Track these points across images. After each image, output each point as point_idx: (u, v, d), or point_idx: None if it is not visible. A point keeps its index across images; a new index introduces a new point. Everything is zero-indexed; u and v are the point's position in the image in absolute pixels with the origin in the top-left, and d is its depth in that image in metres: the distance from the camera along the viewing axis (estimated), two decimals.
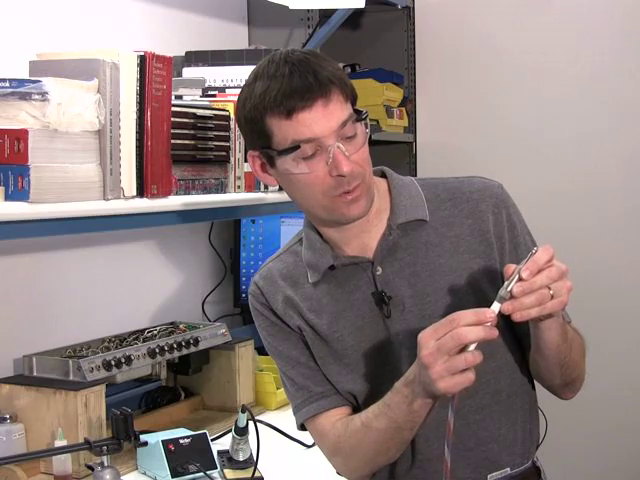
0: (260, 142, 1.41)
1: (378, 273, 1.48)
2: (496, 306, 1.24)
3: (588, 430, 3.07)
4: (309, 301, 1.53)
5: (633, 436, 3.06)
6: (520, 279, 1.23)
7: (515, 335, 1.50)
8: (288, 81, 1.35)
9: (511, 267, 1.25)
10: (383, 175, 1.55)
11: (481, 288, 1.45)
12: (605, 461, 3.09)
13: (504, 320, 1.40)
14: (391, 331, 1.48)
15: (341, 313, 1.51)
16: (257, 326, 1.60)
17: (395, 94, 3.27)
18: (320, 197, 1.41)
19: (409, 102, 3.39)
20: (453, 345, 1.23)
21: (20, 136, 1.60)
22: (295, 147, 1.37)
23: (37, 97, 1.62)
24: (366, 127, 1.42)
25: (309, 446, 2.11)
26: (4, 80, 1.65)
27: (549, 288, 1.24)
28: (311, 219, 1.53)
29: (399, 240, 1.48)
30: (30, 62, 1.81)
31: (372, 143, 1.47)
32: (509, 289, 1.23)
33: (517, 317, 1.24)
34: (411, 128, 3.39)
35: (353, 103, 1.42)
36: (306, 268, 1.53)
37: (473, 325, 1.24)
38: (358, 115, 1.40)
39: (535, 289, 1.23)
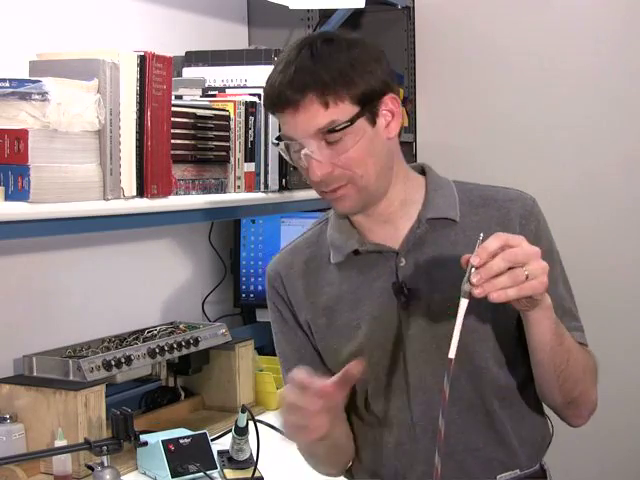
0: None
1: (401, 264, 1.48)
2: (463, 302, 1.23)
3: (590, 430, 3.07)
4: (330, 286, 1.53)
5: (635, 436, 3.06)
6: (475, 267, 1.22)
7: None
8: (275, 78, 1.40)
9: (465, 257, 1.24)
10: (423, 171, 1.56)
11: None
12: (607, 461, 3.09)
13: (518, 328, 1.40)
14: (405, 324, 1.48)
15: (360, 300, 1.51)
16: (269, 315, 1.63)
17: None
18: (315, 187, 1.46)
19: (409, 102, 3.39)
20: None
21: (20, 136, 1.60)
22: (279, 142, 1.43)
23: (37, 97, 1.62)
24: (375, 123, 1.41)
25: None
26: (4, 80, 1.65)
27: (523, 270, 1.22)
28: None
29: (427, 235, 1.48)
30: (30, 62, 1.81)
31: None
32: (467, 280, 1.22)
33: (494, 297, 1.22)
34: (411, 128, 3.39)
35: (366, 99, 1.39)
36: (330, 248, 1.54)
37: None
38: (349, 120, 1.38)
39: (494, 272, 1.21)
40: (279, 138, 1.45)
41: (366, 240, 1.51)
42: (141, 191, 1.85)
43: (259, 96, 2.25)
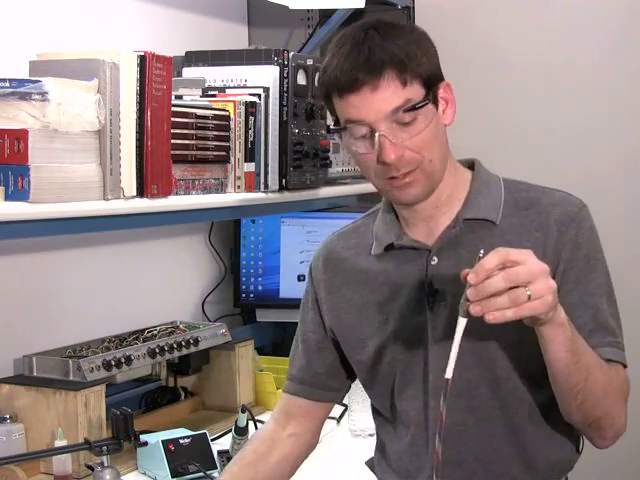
0: (331, 111, 1.44)
1: (433, 263, 1.46)
2: (462, 321, 1.18)
3: None
4: (367, 277, 1.52)
5: (635, 437, 3.05)
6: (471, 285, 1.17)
7: None
8: (344, 61, 1.36)
9: (465, 273, 1.19)
10: (471, 166, 1.54)
11: None
12: (607, 462, 3.08)
13: (536, 345, 1.34)
14: (431, 324, 1.46)
15: (392, 294, 1.50)
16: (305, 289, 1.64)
17: None
18: (373, 177, 1.42)
19: None
20: None
21: (20, 136, 1.60)
22: (344, 127, 1.38)
23: (37, 97, 1.62)
24: (437, 108, 1.39)
25: None
26: (4, 80, 1.65)
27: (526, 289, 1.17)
28: None
29: (463, 235, 1.45)
30: (30, 62, 1.80)
31: None
32: (466, 297, 1.17)
33: (490, 318, 1.16)
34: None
35: (430, 82, 1.38)
36: (373, 239, 1.53)
37: None
38: (422, 100, 1.36)
39: (490, 292, 1.16)
40: (341, 128, 1.40)
41: (406, 235, 1.49)
42: (141, 191, 1.84)
43: (259, 96, 2.24)
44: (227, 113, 2.16)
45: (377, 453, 1.63)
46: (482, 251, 1.19)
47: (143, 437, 1.79)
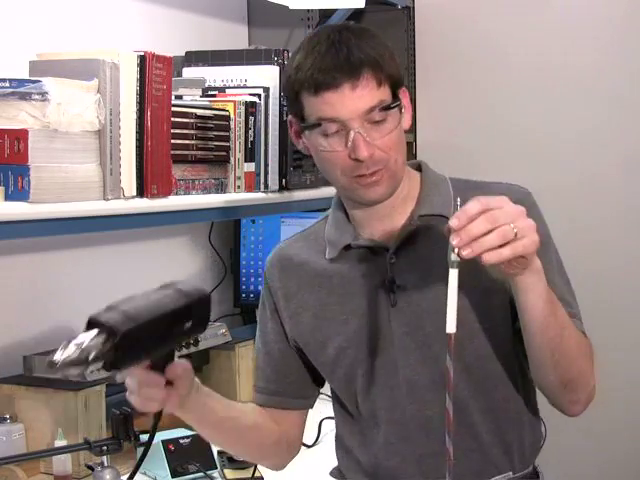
0: (294, 110, 1.45)
1: (392, 261, 1.48)
2: (453, 272, 1.18)
3: (587, 432, 3.07)
4: (322, 280, 1.54)
5: (632, 438, 3.05)
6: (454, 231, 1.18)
7: (519, 342, 1.46)
8: (321, 59, 1.38)
9: (448, 225, 1.20)
10: (419, 168, 1.57)
11: (487, 288, 1.43)
12: (604, 464, 3.08)
13: (504, 327, 1.39)
14: (394, 321, 1.48)
15: (350, 295, 1.51)
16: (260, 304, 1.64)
17: None
18: (339, 175, 1.43)
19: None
20: None
21: (20, 136, 1.60)
22: (317, 124, 1.40)
23: (37, 97, 1.62)
24: (400, 112, 1.43)
25: (309, 446, 2.11)
26: (4, 80, 1.65)
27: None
28: (340, 197, 1.55)
29: (419, 232, 1.48)
30: (30, 62, 1.80)
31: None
32: (452, 248, 1.18)
33: (486, 258, 1.17)
34: (411, 128, 3.39)
35: (395, 86, 1.42)
36: (326, 244, 1.55)
37: None
38: (392, 102, 1.40)
39: (475, 234, 1.17)
40: (313, 125, 1.41)
41: (360, 236, 1.51)
42: (141, 191, 1.85)
43: (259, 96, 2.25)
44: (227, 113, 2.16)
45: (344, 460, 1.63)
46: (459, 199, 1.23)
47: (143, 437, 1.79)
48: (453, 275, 1.19)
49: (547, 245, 1.47)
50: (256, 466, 1.91)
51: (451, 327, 1.20)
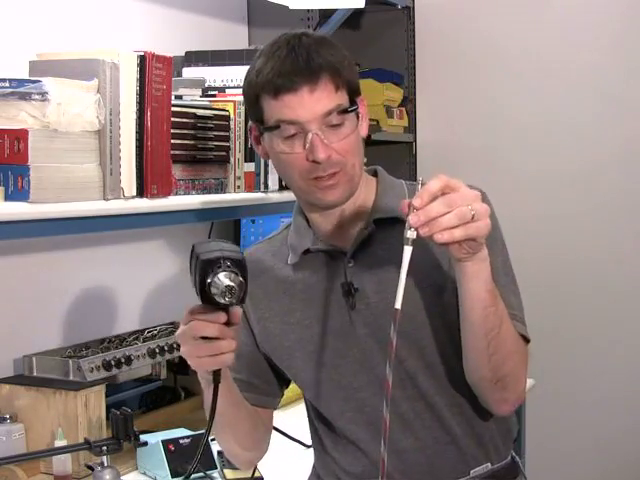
0: (254, 115, 1.47)
1: (350, 265, 1.50)
2: (407, 250, 1.21)
3: (590, 430, 3.07)
4: (286, 286, 1.56)
5: (627, 440, 3.05)
6: (415, 209, 1.21)
7: None
8: (281, 63, 1.40)
9: (405, 202, 1.23)
10: (376, 174, 1.59)
11: (443, 287, 1.46)
12: (601, 465, 3.08)
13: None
14: (355, 323, 1.50)
15: (312, 300, 1.54)
16: None
17: (395, 94, 3.27)
18: (297, 178, 1.45)
19: (409, 102, 3.39)
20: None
21: (20, 136, 1.60)
22: (276, 126, 1.42)
23: (37, 97, 1.62)
24: (357, 119, 1.45)
25: (309, 446, 2.10)
26: (4, 80, 1.65)
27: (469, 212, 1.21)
28: (299, 202, 1.57)
29: (375, 235, 1.50)
30: (30, 62, 1.80)
31: (372, 143, 1.48)
32: (409, 226, 1.21)
33: (439, 237, 1.20)
34: (411, 128, 3.39)
35: (353, 93, 1.45)
36: (289, 250, 1.57)
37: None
38: (349, 106, 1.43)
39: (433, 215, 1.20)
40: (272, 127, 1.43)
41: (319, 240, 1.54)
42: (141, 191, 1.85)
43: None
44: (227, 113, 2.16)
45: (319, 460, 1.65)
46: (421, 178, 1.26)
47: (143, 437, 1.79)
48: (407, 252, 1.22)
49: (495, 244, 1.47)
50: (256, 466, 1.91)
51: (398, 303, 1.23)
